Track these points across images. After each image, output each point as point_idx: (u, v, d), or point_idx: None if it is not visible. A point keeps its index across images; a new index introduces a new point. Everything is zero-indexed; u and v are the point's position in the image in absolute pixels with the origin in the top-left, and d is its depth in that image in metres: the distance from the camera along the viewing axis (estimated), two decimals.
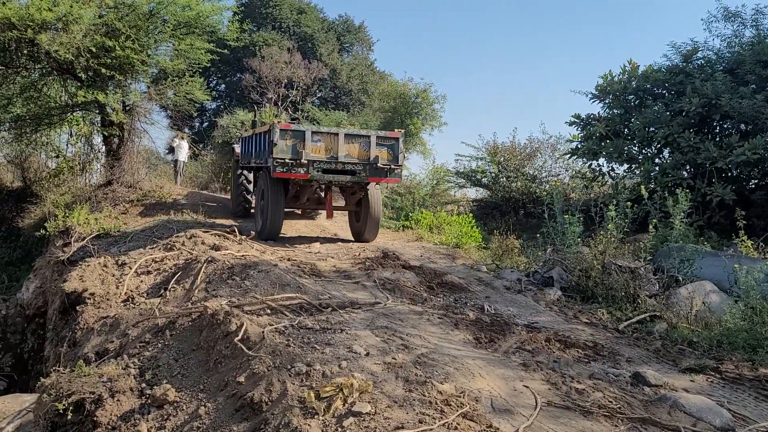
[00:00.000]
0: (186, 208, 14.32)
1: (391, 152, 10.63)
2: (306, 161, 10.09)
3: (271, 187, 10.85)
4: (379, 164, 10.50)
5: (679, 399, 4.37)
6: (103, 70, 13.98)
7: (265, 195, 11.05)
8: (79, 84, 14.94)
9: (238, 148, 15.09)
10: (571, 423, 3.99)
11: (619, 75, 15.65)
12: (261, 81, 27.33)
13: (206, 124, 33.53)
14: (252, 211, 14.44)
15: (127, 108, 15.69)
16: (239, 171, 14.48)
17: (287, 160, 10.00)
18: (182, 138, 23.02)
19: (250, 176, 14.47)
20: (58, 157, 19.47)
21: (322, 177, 10.35)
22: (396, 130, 10.71)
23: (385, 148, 10.54)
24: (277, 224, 10.93)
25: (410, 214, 16.03)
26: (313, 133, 10.23)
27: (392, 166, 10.62)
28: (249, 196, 14.55)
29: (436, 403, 3.98)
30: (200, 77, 17.59)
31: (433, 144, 54.36)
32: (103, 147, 17.31)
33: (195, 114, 26.89)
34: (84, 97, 14.13)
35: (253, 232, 11.50)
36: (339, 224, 15.23)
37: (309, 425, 3.69)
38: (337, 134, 10.35)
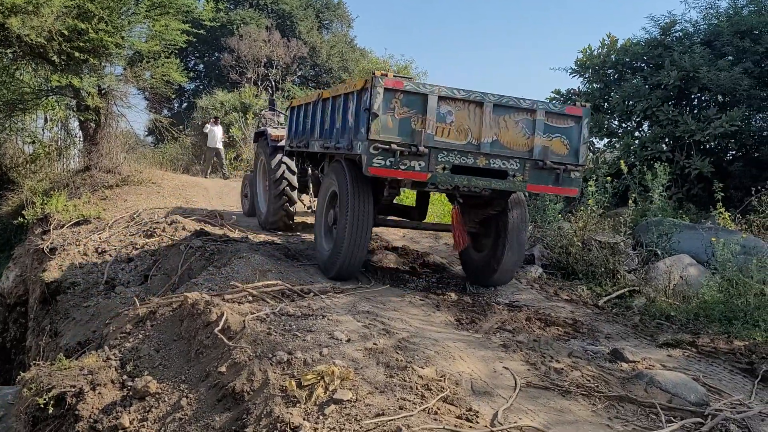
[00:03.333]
0: (168, 193, 14.20)
1: (567, 141, 6.45)
2: (426, 149, 5.96)
3: (355, 191, 6.56)
4: (548, 161, 6.32)
5: (655, 376, 4.45)
6: (77, 54, 13.69)
7: (342, 203, 6.70)
8: (52, 68, 14.64)
9: (275, 129, 10.93)
10: (549, 403, 4.05)
11: (598, 49, 15.64)
12: (240, 60, 26.97)
13: (185, 105, 33.12)
14: (292, 222, 10.45)
15: (103, 92, 15.41)
16: (278, 161, 10.06)
17: (395, 146, 5.91)
18: (215, 123, 20.47)
19: (294, 167, 10.07)
20: (34, 143, 19.15)
21: (452, 180, 6.19)
22: (578, 103, 6.65)
23: (558, 133, 6.42)
24: (359, 253, 6.68)
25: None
26: (440, 99, 6.04)
27: (568, 166, 6.42)
28: (294, 202, 10.26)
29: (417, 388, 4.02)
30: (177, 58, 17.31)
31: None
32: (80, 132, 17.04)
33: (173, 96, 26.48)
34: (58, 81, 13.84)
35: (234, 217, 11.39)
36: None
37: (291, 413, 3.71)
38: (481, 103, 6.16)
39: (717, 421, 3.85)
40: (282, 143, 9.90)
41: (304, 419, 3.64)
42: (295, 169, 10.00)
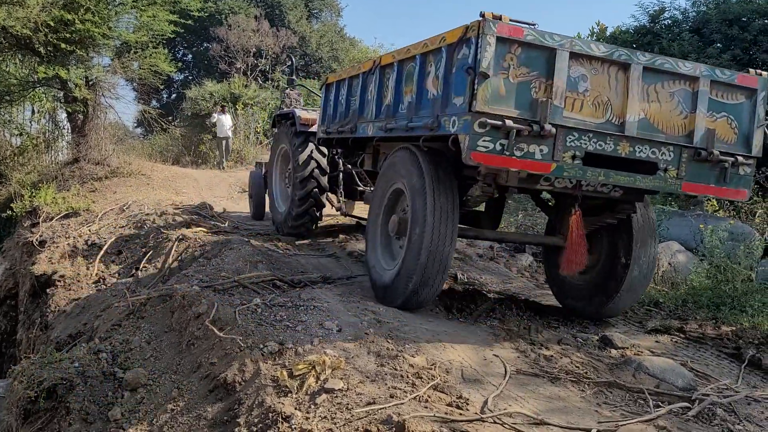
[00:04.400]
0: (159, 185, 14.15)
1: (735, 122, 4.89)
2: (552, 128, 4.37)
3: (435, 189, 4.94)
4: (713, 150, 4.74)
5: (644, 362, 4.49)
6: (63, 45, 13.59)
7: (415, 206, 5.05)
8: (39, 59, 14.51)
9: (304, 111, 8.89)
10: (539, 390, 4.09)
11: (587, 37, 15.66)
12: (229, 50, 26.77)
13: (174, 96, 32.89)
14: (316, 228, 9.00)
15: (91, 83, 15.30)
16: (308, 154, 8.30)
17: (511, 123, 4.29)
18: (222, 111, 19.57)
19: (325, 164, 8.42)
20: (21, 135, 18.99)
21: (583, 174, 4.59)
22: (751, 70, 5.03)
23: (725, 112, 4.85)
24: (439, 274, 5.09)
25: None
26: (572, 58, 4.46)
27: (738, 158, 4.82)
28: (322, 206, 8.63)
29: (408, 377, 4.04)
30: (165, 48, 17.19)
31: None
32: (68, 124, 16.92)
33: (162, 86, 26.28)
34: (45, 73, 13.74)
35: (225, 209, 11.37)
36: None
37: (282, 403, 3.73)
38: (626, 66, 4.59)
39: (704, 406, 3.89)
40: (314, 129, 8.30)
41: (295, 409, 3.65)
42: (327, 167, 8.38)
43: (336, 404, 3.65)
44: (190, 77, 32.25)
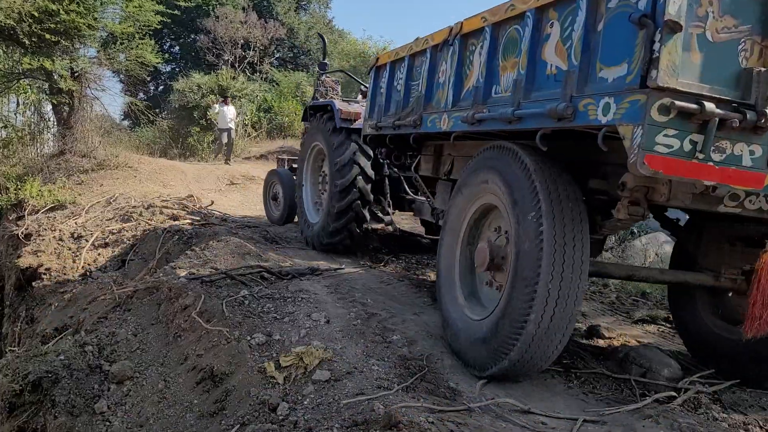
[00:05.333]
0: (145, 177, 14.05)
1: None
2: None
3: (561, 208, 3.46)
4: None
5: (630, 351, 4.52)
6: (48, 36, 13.43)
7: (522, 232, 3.56)
8: (23, 50, 14.33)
9: (345, 102, 7.65)
10: (526, 380, 4.10)
11: None
12: (216, 42, 26.57)
13: (161, 88, 32.63)
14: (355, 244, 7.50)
15: (76, 74, 15.13)
16: (349, 157, 7.01)
17: (711, 107, 2.73)
18: (225, 102, 18.60)
19: (370, 170, 7.11)
20: (6, 127, 18.76)
21: None
22: None
23: None
24: (561, 332, 3.56)
25: None
26: None
27: None
28: (364, 220, 7.26)
29: (396, 368, 4.04)
30: (151, 40, 17.01)
31: None
32: (53, 116, 16.76)
33: (148, 78, 26.08)
34: (29, 64, 13.58)
35: (213, 201, 11.31)
36: None
37: (270, 395, 3.72)
38: None
39: (690, 395, 3.92)
40: (357, 126, 6.93)
41: (282, 400, 3.65)
42: (372, 173, 7.05)
43: (323, 395, 3.65)
44: (177, 69, 31.97)
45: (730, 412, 3.79)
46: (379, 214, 7.35)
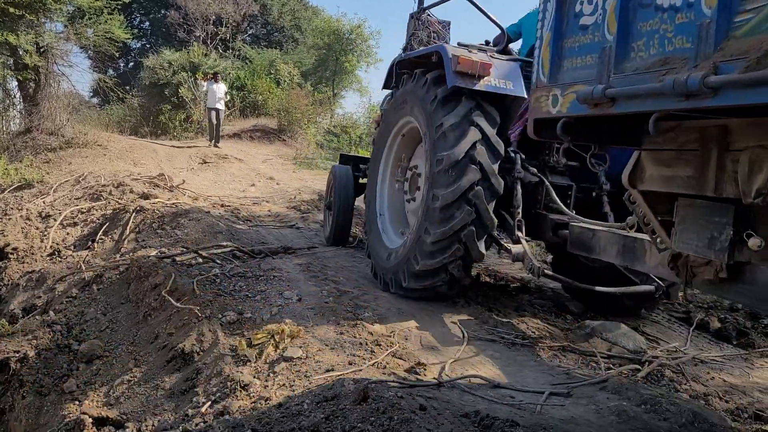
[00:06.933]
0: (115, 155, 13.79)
1: None
2: None
3: None
4: None
5: (597, 326, 4.61)
6: (12, 9, 13.02)
7: None
8: None
9: (462, 49, 4.65)
10: (495, 355, 4.16)
11: None
12: (187, 18, 26.04)
13: (131, 65, 31.95)
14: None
15: (42, 50, 14.74)
16: (466, 137, 4.35)
17: None
18: (214, 79, 17.14)
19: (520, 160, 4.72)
20: None
21: None
22: None
23: None
24: None
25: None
26: None
27: None
28: (477, 257, 4.65)
29: (367, 344, 4.07)
30: (120, 15, 16.63)
31: (369, 81, 53.56)
32: (19, 92, 16.33)
33: (118, 54, 25.47)
34: None
35: (184, 180, 11.14)
36: (275, 167, 15.04)
37: (241, 372, 3.73)
38: None
39: (653, 367, 4.03)
40: (483, 88, 4.40)
41: (254, 377, 3.66)
42: (501, 181, 4.50)
43: (295, 372, 3.66)
44: (147, 45, 31.32)
45: (692, 384, 3.91)
46: (504, 242, 4.74)
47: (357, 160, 7.06)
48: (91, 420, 3.38)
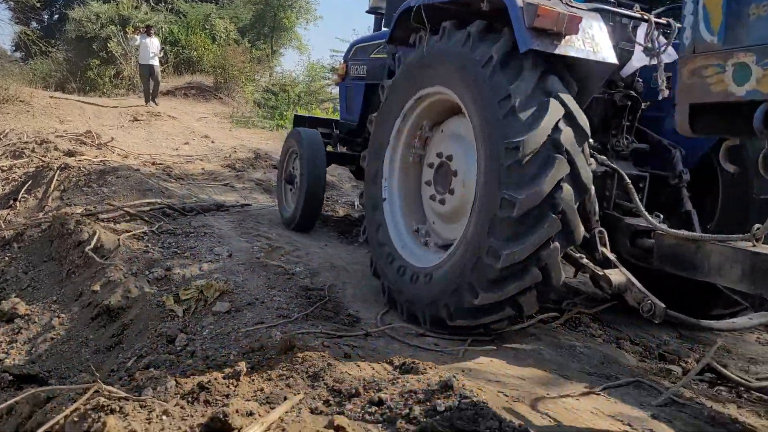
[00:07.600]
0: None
1: None
2: None
3: None
4: None
5: None
6: None
7: None
8: None
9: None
10: None
11: None
12: None
13: (56, 17, 30.21)
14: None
15: None
16: (545, 112, 3.02)
17: None
18: (146, 33, 16.08)
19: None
20: None
21: None
22: None
23: None
24: None
25: (285, 113, 15.71)
26: None
27: None
28: (555, 281, 3.18)
29: (298, 297, 4.10)
30: None
31: (309, 39, 52.48)
32: None
33: (40, 5, 24.05)
34: None
35: (114, 138, 10.73)
36: (210, 125, 14.68)
37: (168, 327, 3.70)
38: None
39: (572, 315, 4.21)
40: (571, 52, 3.18)
41: (181, 331, 3.64)
42: (590, 174, 3.23)
43: (223, 326, 3.67)
44: None
45: (606, 330, 4.12)
46: (590, 266, 3.41)
47: (316, 122, 6.22)
48: (11, 377, 3.29)
